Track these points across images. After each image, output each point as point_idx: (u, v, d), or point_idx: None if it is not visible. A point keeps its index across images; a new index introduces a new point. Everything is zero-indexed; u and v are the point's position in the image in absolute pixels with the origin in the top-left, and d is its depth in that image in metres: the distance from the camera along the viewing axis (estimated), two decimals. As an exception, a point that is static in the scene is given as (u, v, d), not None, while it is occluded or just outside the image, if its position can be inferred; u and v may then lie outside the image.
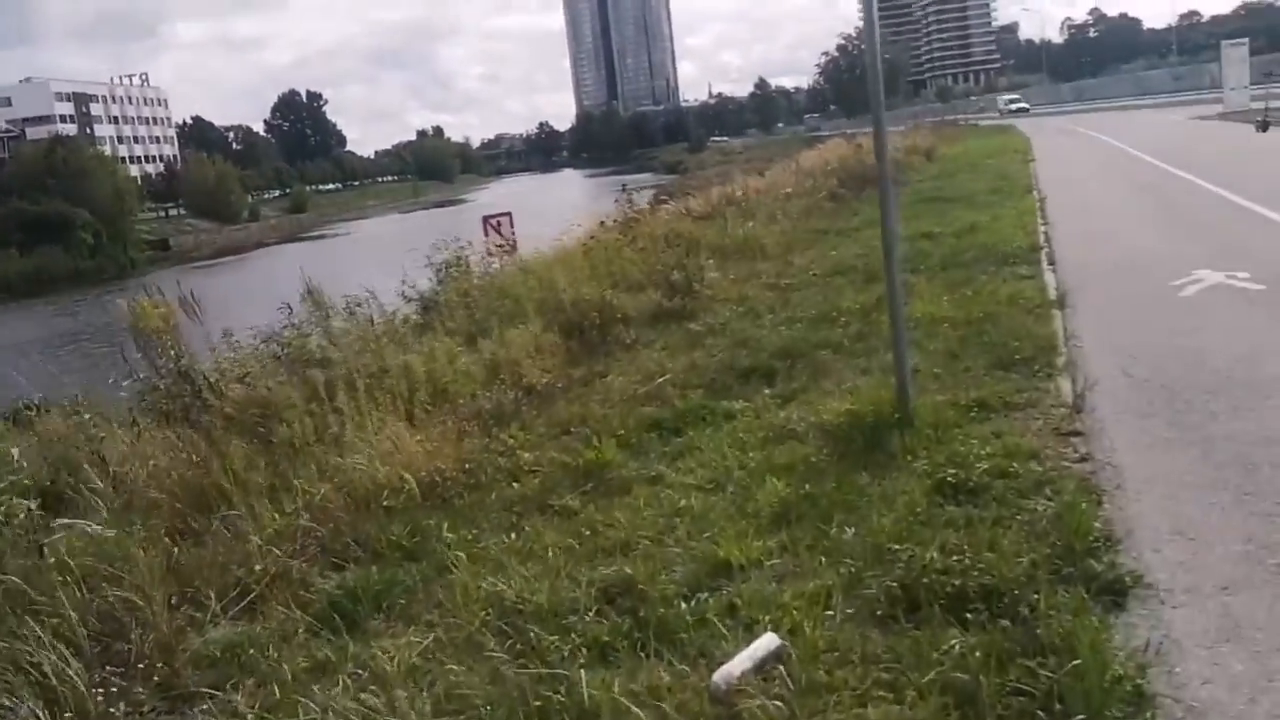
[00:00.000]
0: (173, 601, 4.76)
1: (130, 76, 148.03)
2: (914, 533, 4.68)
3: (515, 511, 5.72)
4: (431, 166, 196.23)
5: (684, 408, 7.18)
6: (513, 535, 5.37)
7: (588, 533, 5.23)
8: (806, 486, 5.39)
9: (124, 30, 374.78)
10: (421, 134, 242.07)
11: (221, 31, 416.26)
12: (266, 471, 6.36)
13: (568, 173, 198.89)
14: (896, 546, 4.50)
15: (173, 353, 8.24)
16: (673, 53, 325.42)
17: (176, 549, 5.32)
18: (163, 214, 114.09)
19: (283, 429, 6.83)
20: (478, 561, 5.02)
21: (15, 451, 6.54)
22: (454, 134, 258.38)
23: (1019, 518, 4.80)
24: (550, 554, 4.99)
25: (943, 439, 5.91)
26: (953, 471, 5.31)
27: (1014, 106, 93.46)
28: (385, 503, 5.84)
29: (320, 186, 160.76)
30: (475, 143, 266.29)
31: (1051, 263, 11.69)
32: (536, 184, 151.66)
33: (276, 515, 5.58)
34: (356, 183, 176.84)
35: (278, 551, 5.17)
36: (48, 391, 10.74)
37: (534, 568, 4.87)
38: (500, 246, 19.13)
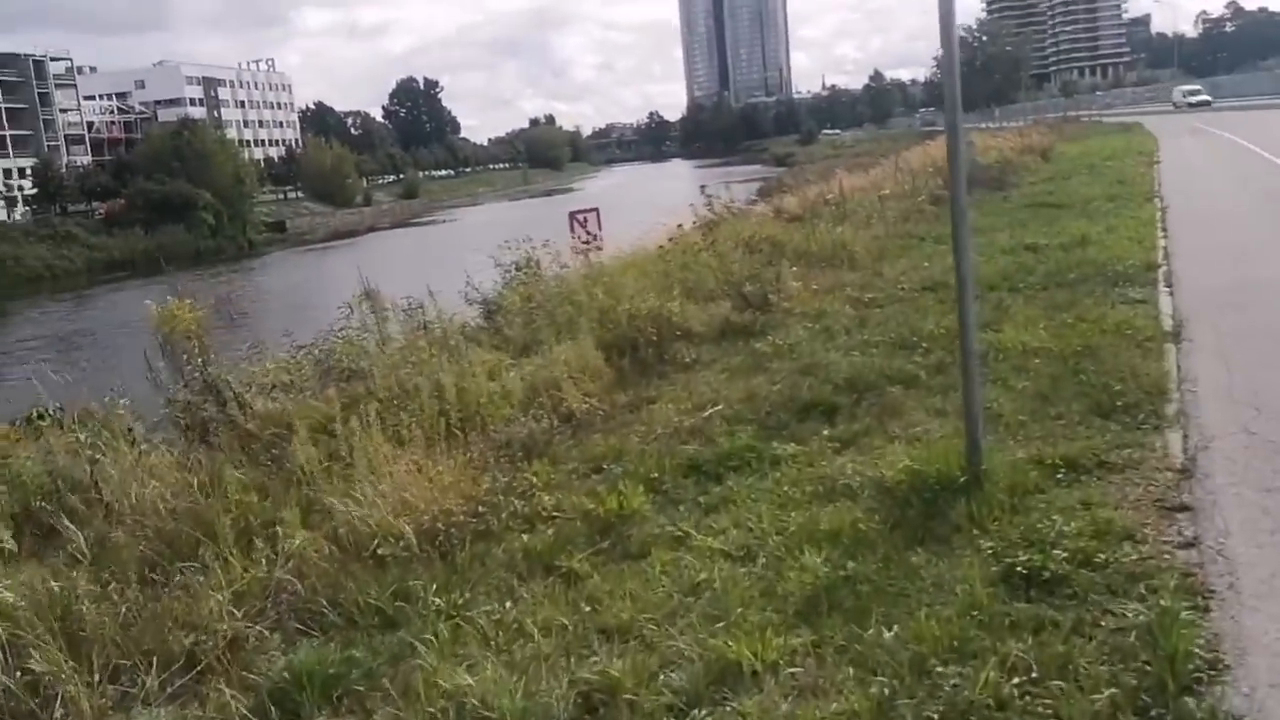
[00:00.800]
0: (111, 670, 4.22)
1: (257, 62, 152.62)
2: (969, 641, 3.85)
3: (518, 572, 5.04)
4: (541, 154, 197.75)
5: (729, 448, 6.39)
6: (507, 604, 4.69)
7: (589, 608, 4.53)
8: (849, 565, 4.59)
9: (256, 17, 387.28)
10: (534, 122, 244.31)
11: (347, 19, 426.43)
12: (264, 506, 5.81)
13: (676, 163, 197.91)
14: (943, 663, 3.69)
15: (200, 360, 7.79)
16: (787, 44, 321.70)
17: (138, 599, 4.79)
18: (281, 196, 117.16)
19: (295, 454, 6.30)
20: (457, 639, 4.36)
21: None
22: (567, 122, 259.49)
23: (1103, 624, 3.94)
24: (539, 636, 4.29)
25: (1019, 508, 5.03)
26: (1026, 556, 4.45)
27: (1194, 99, 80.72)
28: (379, 550, 5.22)
29: (433, 173, 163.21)
30: (587, 131, 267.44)
31: (1169, 285, 10.52)
32: (643, 174, 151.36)
33: (247, 567, 4.99)
34: (468, 169, 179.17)
35: (236, 614, 4.58)
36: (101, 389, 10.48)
37: (517, 653, 4.18)
38: (586, 244, 18.64)
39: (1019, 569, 4.36)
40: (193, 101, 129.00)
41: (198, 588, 4.76)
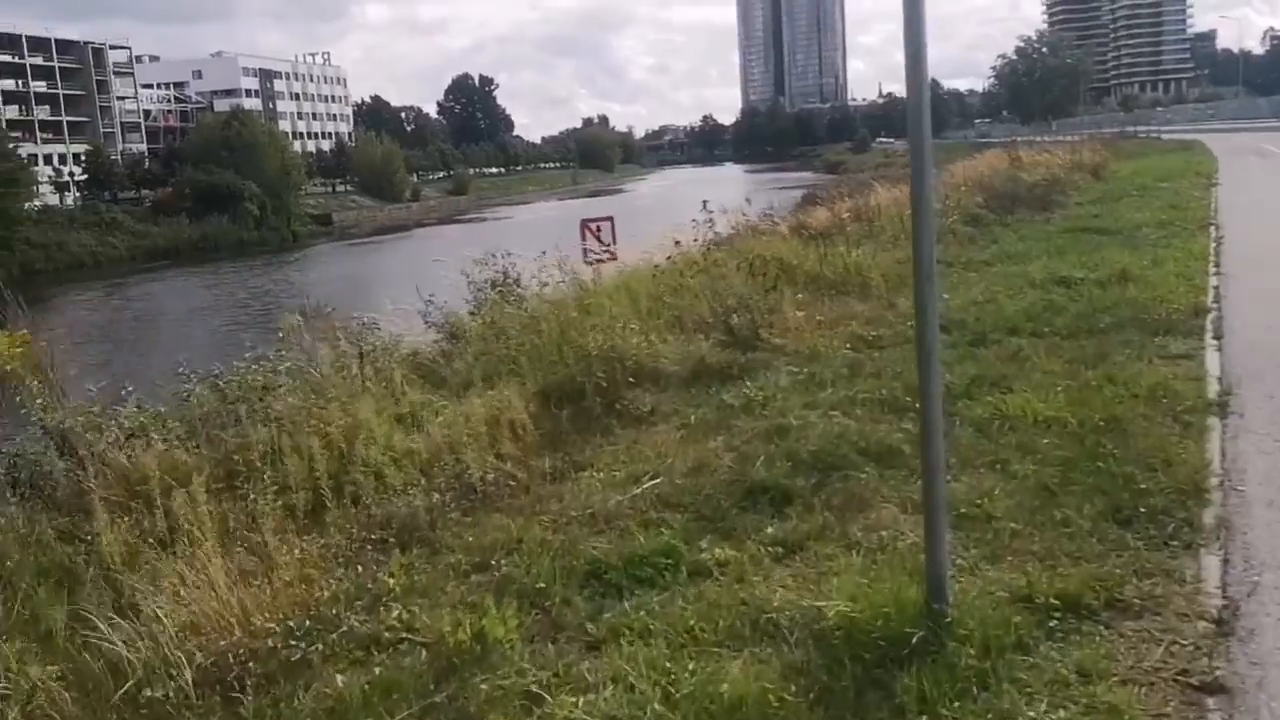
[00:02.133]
0: None
1: (313, 55, 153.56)
2: None
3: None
4: (593, 155, 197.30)
5: (645, 549, 5.08)
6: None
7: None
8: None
9: (317, 10, 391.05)
10: (587, 122, 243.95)
11: (408, 14, 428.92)
12: (55, 610, 4.63)
13: (729, 167, 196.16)
14: None
15: (39, 403, 6.64)
16: (844, 50, 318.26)
17: None
18: (330, 189, 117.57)
19: (100, 534, 5.11)
20: None
21: None
22: (621, 123, 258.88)
23: None
24: None
25: (991, 680, 3.71)
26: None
27: None
28: (147, 692, 4.01)
29: (484, 170, 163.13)
30: (640, 133, 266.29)
31: (1217, 336, 9.06)
32: (694, 177, 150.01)
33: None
34: (519, 168, 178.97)
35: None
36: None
37: None
38: (598, 254, 17.44)
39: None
40: (248, 92, 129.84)
41: None
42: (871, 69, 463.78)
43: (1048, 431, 6.45)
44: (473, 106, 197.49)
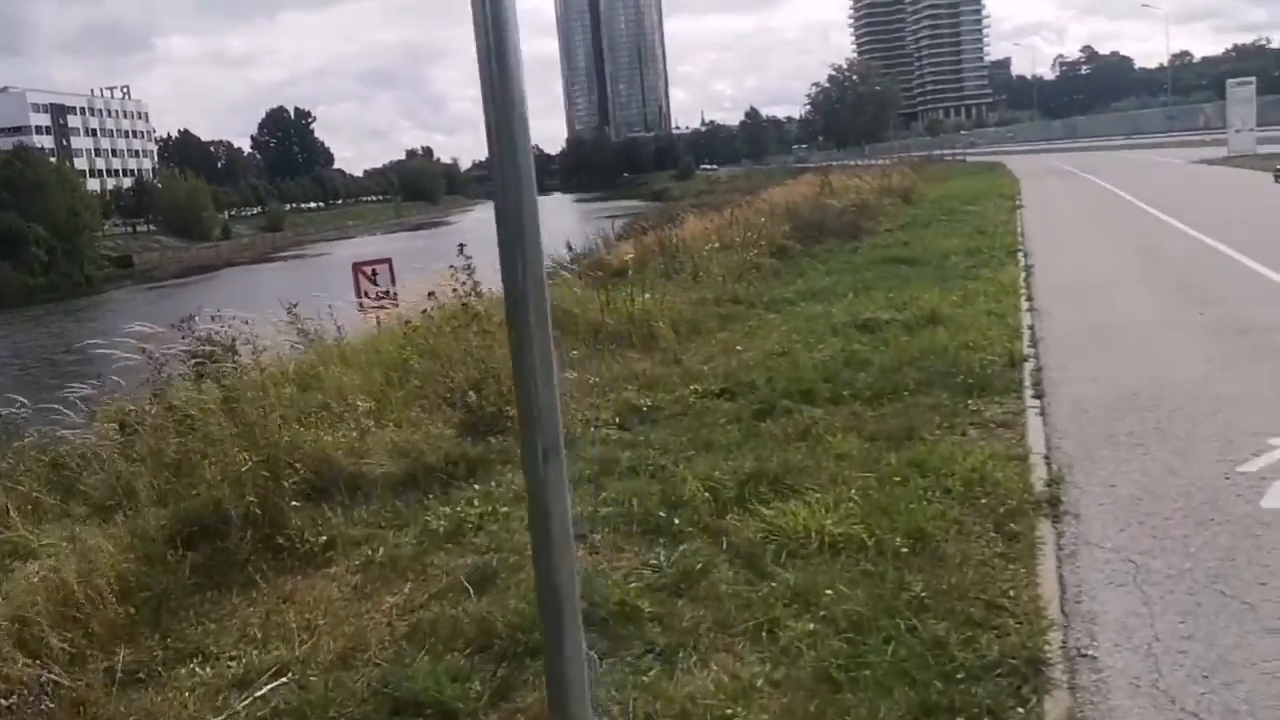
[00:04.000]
0: None
1: (112, 89, 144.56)
2: None
3: None
4: (417, 187, 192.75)
5: None
6: None
7: None
8: None
9: (116, 42, 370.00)
10: (411, 153, 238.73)
11: (216, 46, 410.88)
12: None
13: (557, 197, 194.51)
14: None
15: None
16: (665, 79, 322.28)
17: None
18: (130, 230, 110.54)
19: None
20: None
21: None
22: (446, 155, 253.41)
23: None
24: None
25: None
26: None
27: None
28: None
29: (302, 205, 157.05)
30: (466, 164, 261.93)
31: (1039, 394, 7.70)
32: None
33: None
34: (340, 201, 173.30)
35: None
36: None
37: None
38: (374, 301, 15.35)
39: None
40: (39, 129, 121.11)
41: None
42: (693, 98, 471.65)
43: (836, 562, 4.78)
44: (289, 140, 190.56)
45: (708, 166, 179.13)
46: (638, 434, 7.57)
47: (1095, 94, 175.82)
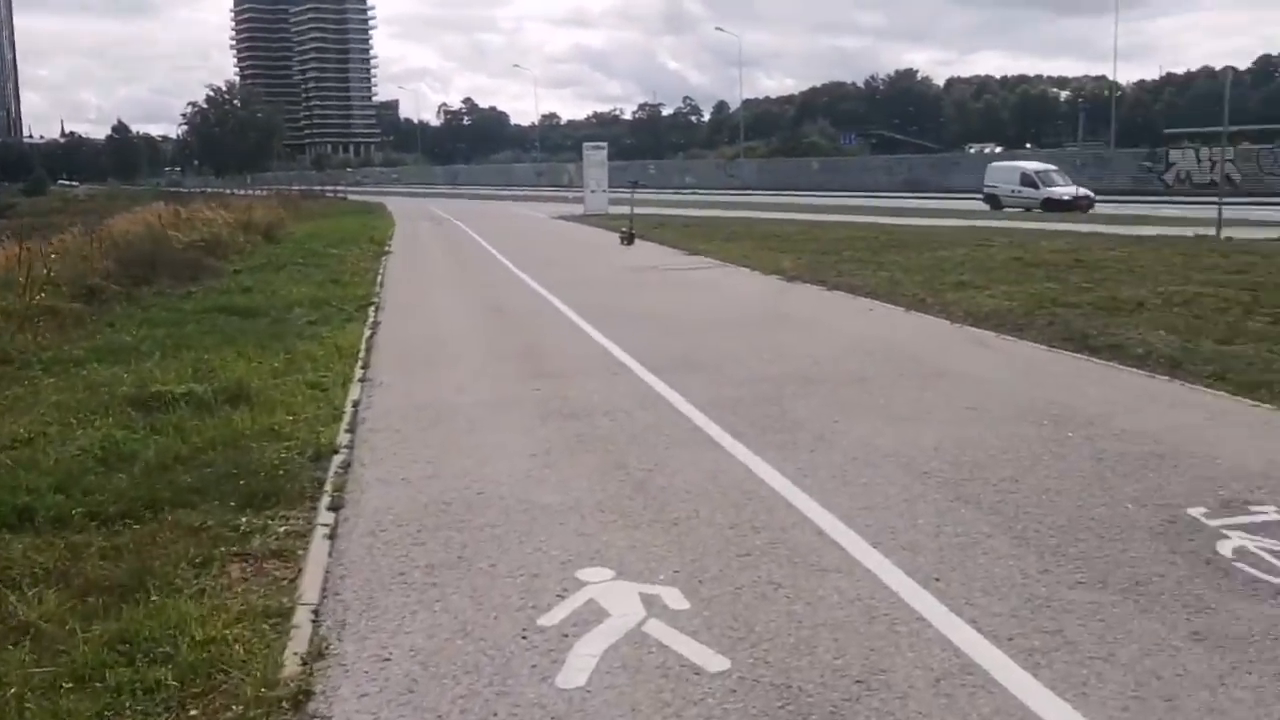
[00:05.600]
0: None
1: None
2: None
3: None
4: None
5: None
6: None
7: None
8: None
9: None
10: None
11: None
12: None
13: None
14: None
15: None
16: (16, 82, 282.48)
17: None
18: None
19: None
20: None
21: None
22: None
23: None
24: None
25: None
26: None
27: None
28: None
29: None
30: None
31: (337, 505, 6.19)
32: None
33: None
34: None
35: None
36: None
37: None
38: None
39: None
40: None
41: None
42: (52, 105, 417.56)
43: None
44: None
45: (66, 182, 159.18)
46: None
47: (476, 144, 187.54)
